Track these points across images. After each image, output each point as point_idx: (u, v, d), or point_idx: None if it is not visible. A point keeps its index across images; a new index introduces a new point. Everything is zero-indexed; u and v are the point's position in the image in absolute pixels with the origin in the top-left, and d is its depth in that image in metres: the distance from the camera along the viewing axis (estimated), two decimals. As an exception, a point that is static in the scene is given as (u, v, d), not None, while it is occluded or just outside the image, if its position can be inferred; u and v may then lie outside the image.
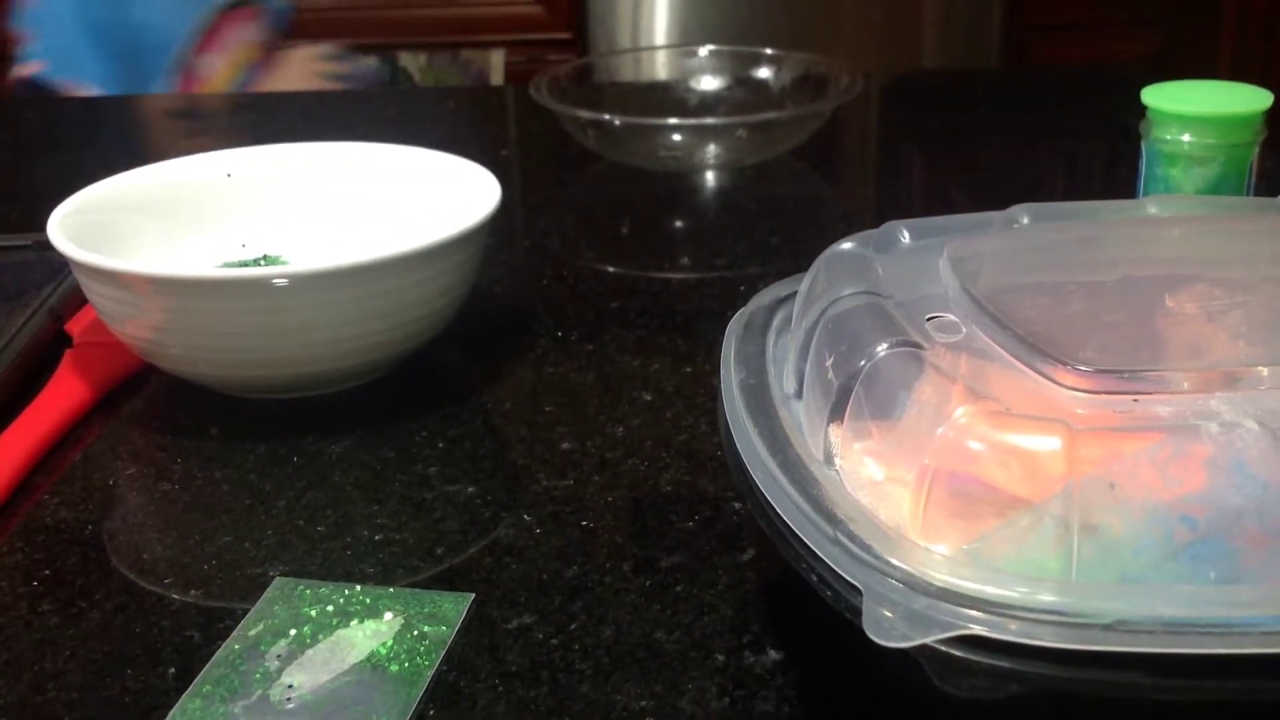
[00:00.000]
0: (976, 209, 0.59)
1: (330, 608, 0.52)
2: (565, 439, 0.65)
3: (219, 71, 1.46)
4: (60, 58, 1.47)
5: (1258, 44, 2.27)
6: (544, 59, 1.85)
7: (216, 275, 0.64)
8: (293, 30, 1.56)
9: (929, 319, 0.48)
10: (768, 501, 0.44)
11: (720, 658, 0.49)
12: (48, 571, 0.56)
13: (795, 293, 0.55)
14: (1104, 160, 1.12)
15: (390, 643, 0.49)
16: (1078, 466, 0.41)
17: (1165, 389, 0.44)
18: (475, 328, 0.75)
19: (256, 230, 0.80)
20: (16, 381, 0.70)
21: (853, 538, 0.41)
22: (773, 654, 0.49)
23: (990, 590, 0.39)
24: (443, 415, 0.67)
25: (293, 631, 0.50)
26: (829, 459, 0.46)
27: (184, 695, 0.47)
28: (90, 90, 1.45)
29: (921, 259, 0.53)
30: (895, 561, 0.40)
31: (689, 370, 0.72)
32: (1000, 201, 0.59)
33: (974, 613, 0.38)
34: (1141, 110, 0.72)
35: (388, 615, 0.51)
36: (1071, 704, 0.43)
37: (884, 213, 0.59)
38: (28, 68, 1.49)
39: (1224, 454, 0.41)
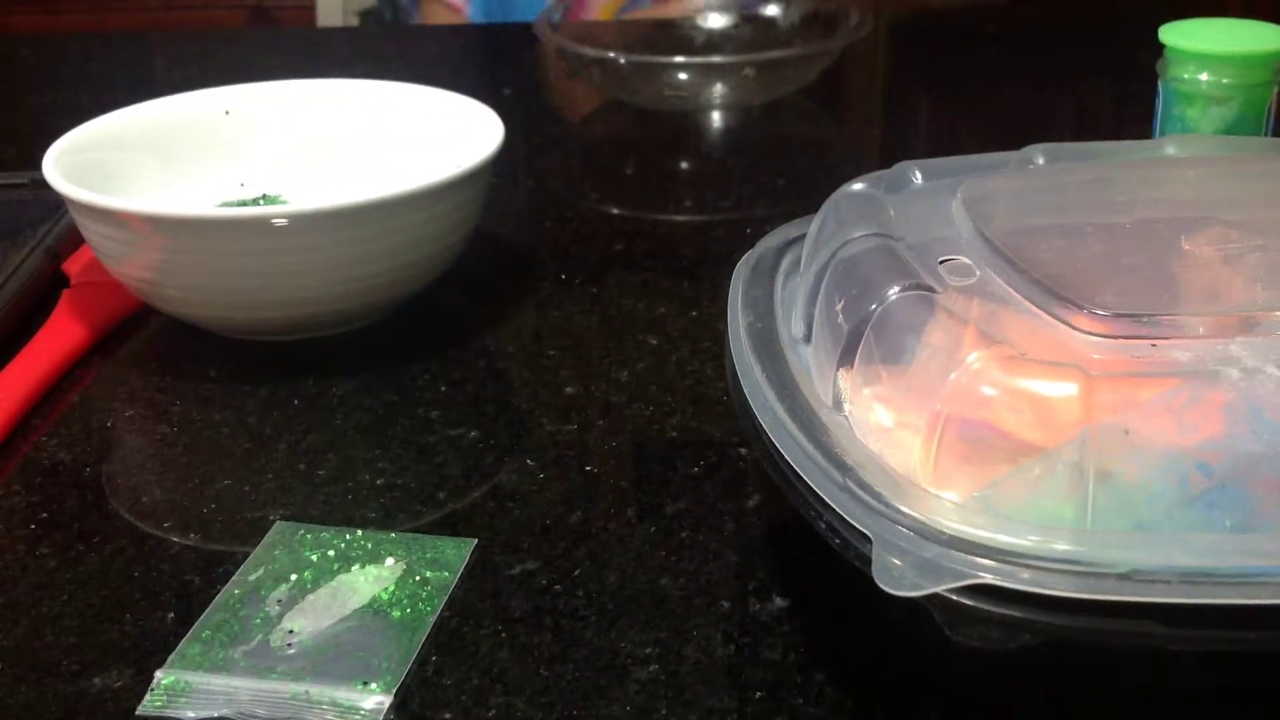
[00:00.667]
0: (987, 149, 0.58)
1: (331, 552, 0.51)
2: (569, 383, 0.64)
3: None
4: None
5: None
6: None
7: (214, 214, 0.63)
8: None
9: (941, 261, 0.47)
10: (775, 448, 0.44)
11: (726, 604, 0.48)
12: (45, 514, 0.55)
13: (804, 235, 0.54)
14: (1118, 99, 1.10)
15: (392, 588, 0.49)
16: (1093, 412, 0.40)
17: (1182, 334, 0.43)
18: (477, 270, 0.74)
19: (255, 169, 0.79)
20: (13, 322, 0.69)
21: (862, 485, 0.41)
22: (779, 601, 0.48)
23: (1002, 538, 0.38)
24: (445, 359, 0.67)
25: (293, 576, 0.50)
26: (838, 404, 0.45)
27: (183, 640, 0.47)
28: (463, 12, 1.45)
29: (934, 200, 0.52)
30: (905, 509, 0.39)
31: (694, 314, 0.71)
32: (1012, 142, 0.58)
33: (985, 561, 0.37)
34: (1157, 48, 0.70)
35: (389, 560, 0.50)
36: (1084, 654, 0.42)
37: (893, 154, 0.58)
38: None
39: (1241, 400, 0.41)
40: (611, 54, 1.01)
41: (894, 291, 0.45)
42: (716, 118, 1.05)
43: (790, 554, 0.51)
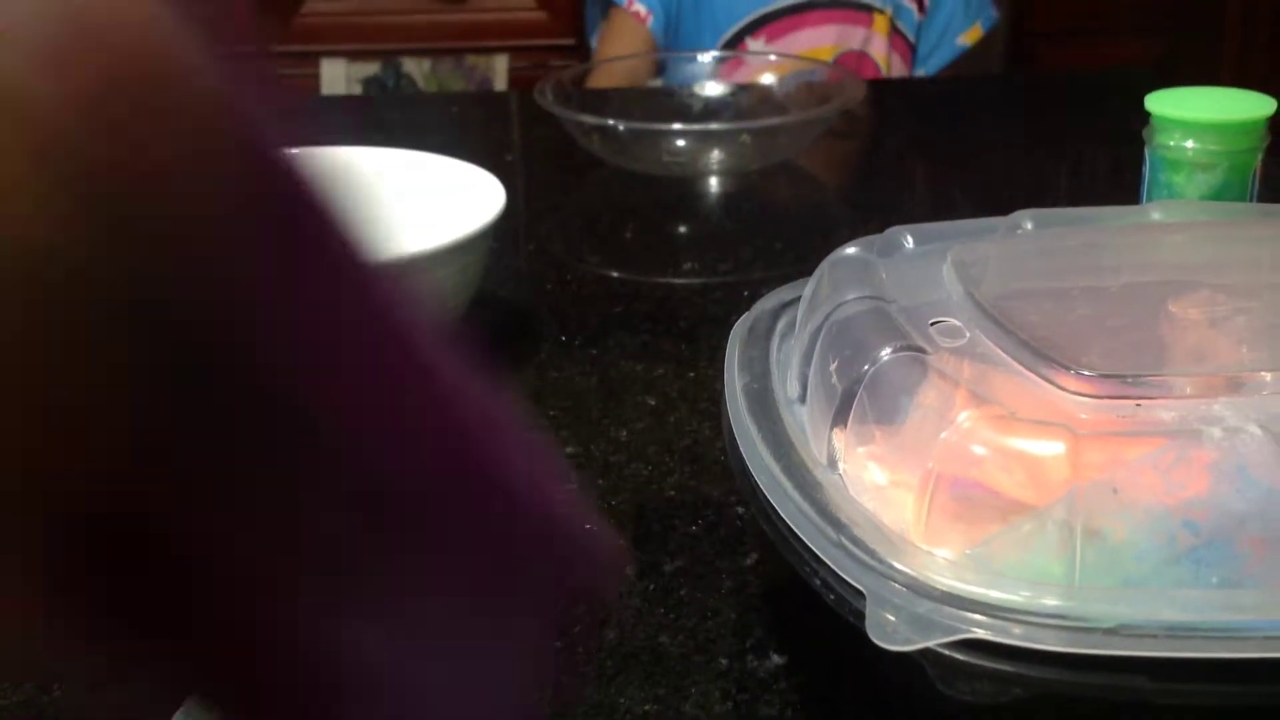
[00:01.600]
0: (980, 214, 0.59)
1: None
2: (569, 443, 0.65)
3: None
4: None
5: (1262, 51, 2.27)
6: (548, 64, 1.85)
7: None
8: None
9: (932, 324, 0.48)
10: (771, 505, 0.45)
11: (724, 661, 0.49)
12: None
13: (799, 298, 0.55)
14: (1107, 166, 1.12)
15: (394, 645, 0.50)
16: (1081, 471, 0.41)
17: (1168, 394, 0.44)
18: (479, 331, 0.75)
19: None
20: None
21: (856, 541, 0.41)
22: (776, 658, 0.49)
23: (993, 594, 0.39)
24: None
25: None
26: (832, 463, 0.46)
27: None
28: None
29: (925, 264, 0.53)
30: (898, 565, 0.40)
31: (692, 375, 0.72)
32: (1004, 207, 0.59)
33: (977, 616, 0.38)
34: (1145, 116, 0.72)
35: (392, 618, 0.51)
36: (1074, 708, 0.43)
37: (887, 218, 0.60)
38: None
39: (1226, 459, 0.42)
40: (611, 121, 1.03)
41: (886, 353, 0.46)
42: (714, 183, 1.07)
43: (787, 611, 0.52)
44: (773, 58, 1.35)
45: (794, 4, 1.52)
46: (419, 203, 0.79)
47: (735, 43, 1.51)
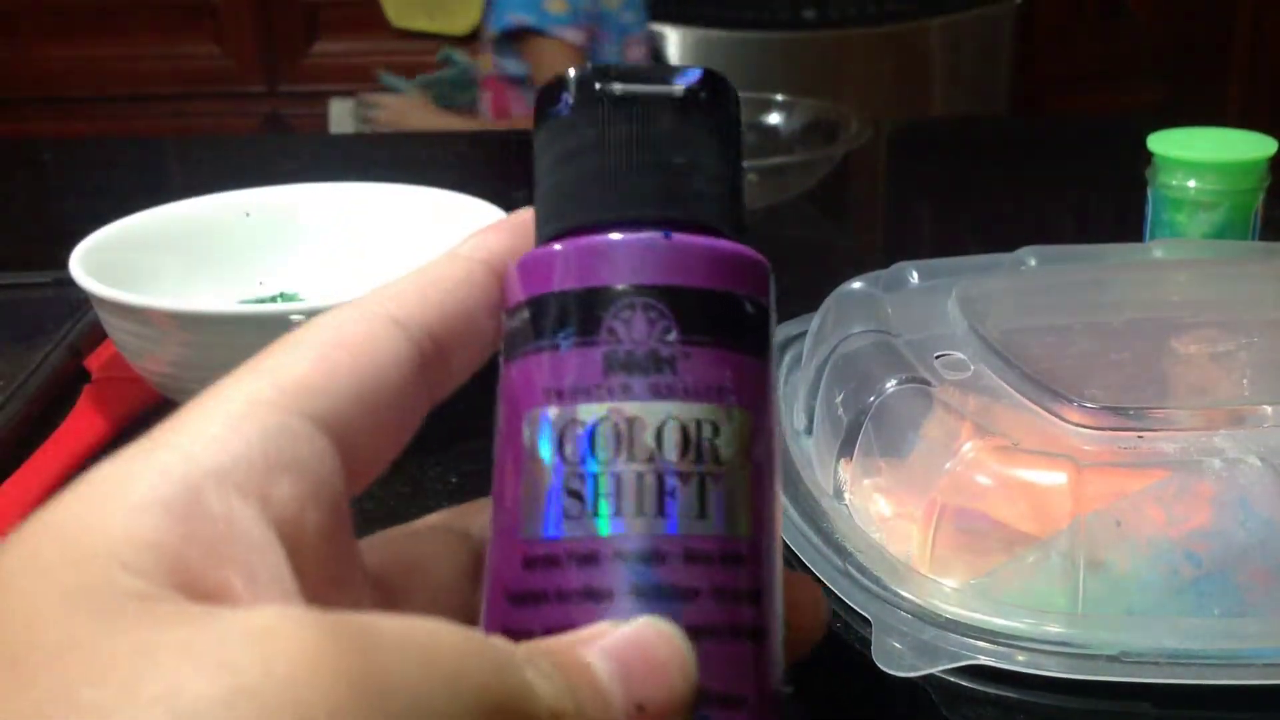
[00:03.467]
0: (985, 252, 0.60)
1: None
2: (577, 476, 0.65)
3: None
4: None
5: (1266, 97, 2.29)
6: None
7: (236, 311, 0.65)
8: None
9: (937, 357, 0.49)
10: (778, 534, 0.45)
11: (730, 691, 0.49)
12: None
13: (805, 331, 0.56)
14: (1111, 207, 1.13)
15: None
16: (1084, 502, 0.42)
17: (1170, 426, 0.44)
18: (489, 363, 0.76)
19: (274, 268, 0.81)
20: (36, 415, 0.70)
21: (862, 570, 0.42)
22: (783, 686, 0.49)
23: (997, 621, 0.39)
24: (456, 451, 0.68)
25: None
26: (839, 494, 0.47)
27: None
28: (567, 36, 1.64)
29: (930, 299, 0.54)
30: (904, 593, 0.41)
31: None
32: (1008, 245, 0.60)
33: (982, 643, 0.39)
34: (1148, 158, 0.72)
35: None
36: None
37: (893, 256, 0.60)
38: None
39: (1228, 491, 0.42)
40: (619, 160, 1.04)
41: (891, 385, 0.46)
42: (721, 222, 1.08)
43: (793, 642, 0.52)
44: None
45: None
46: (429, 238, 0.79)
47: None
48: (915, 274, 0.57)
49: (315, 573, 0.22)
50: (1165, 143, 0.72)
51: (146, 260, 0.76)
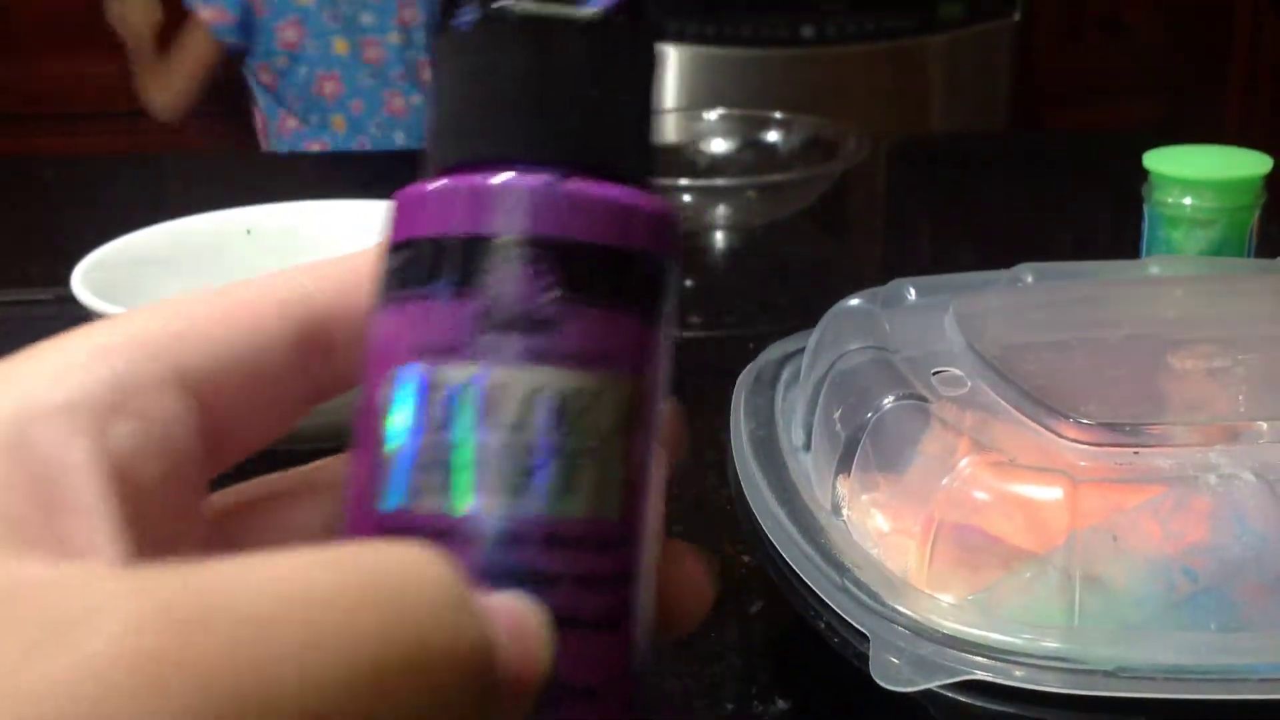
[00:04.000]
0: (982, 269, 0.60)
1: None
2: (576, 492, 0.66)
3: None
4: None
5: (1264, 112, 2.30)
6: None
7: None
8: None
9: (934, 373, 0.49)
10: (776, 549, 0.45)
11: (729, 706, 0.50)
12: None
13: (804, 348, 0.56)
14: (1108, 223, 1.13)
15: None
16: (1080, 518, 0.42)
17: (1165, 442, 0.45)
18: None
19: (274, 285, 0.81)
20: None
21: (860, 585, 0.42)
22: (781, 703, 0.50)
23: (995, 637, 0.40)
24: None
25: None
26: (837, 510, 0.47)
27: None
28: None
29: (927, 315, 0.54)
30: (902, 608, 0.41)
31: (698, 425, 0.73)
32: (1005, 262, 0.60)
33: (979, 658, 0.39)
34: (1144, 176, 0.73)
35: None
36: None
37: (891, 272, 0.61)
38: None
39: (1224, 506, 0.42)
40: (618, 177, 1.05)
41: (889, 401, 0.47)
42: (720, 238, 1.09)
43: (792, 657, 0.53)
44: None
45: None
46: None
47: None
48: (913, 291, 0.57)
49: (152, 523, 0.21)
50: (1161, 160, 0.72)
51: (148, 277, 0.77)
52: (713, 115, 1.24)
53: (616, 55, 0.25)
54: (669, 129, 1.39)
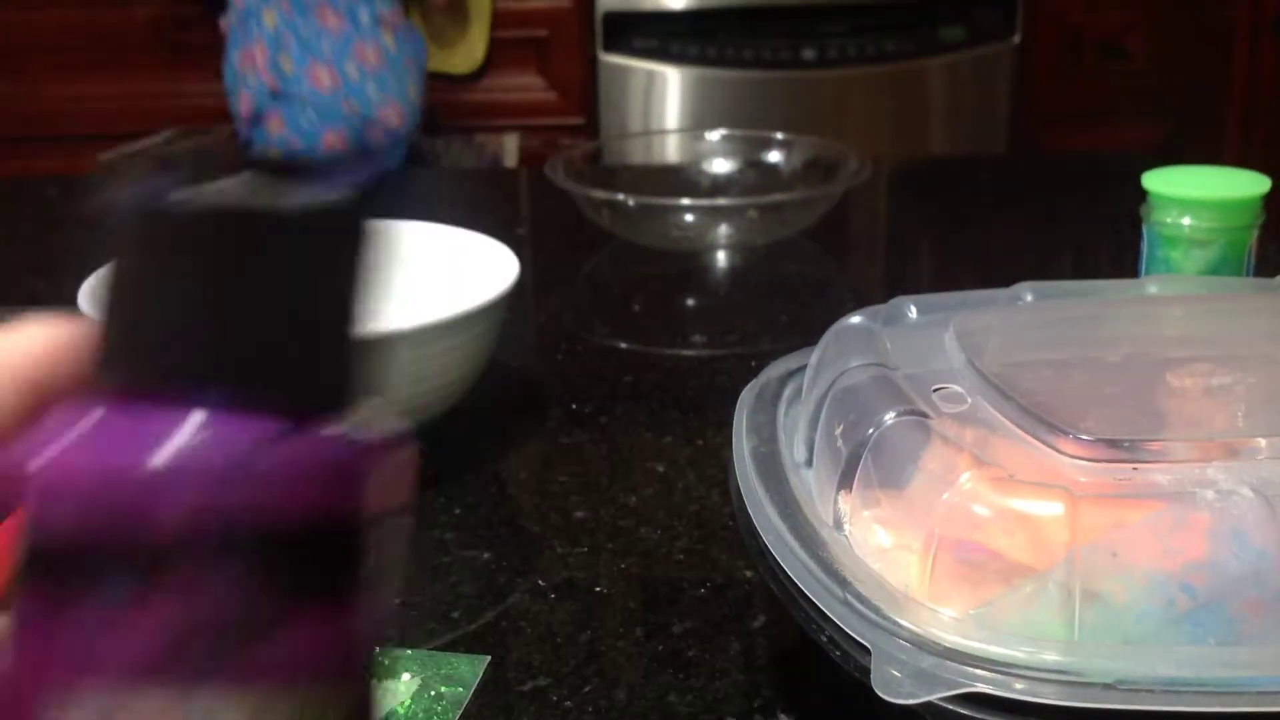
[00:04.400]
0: (982, 288, 0.60)
1: (349, 668, 0.53)
2: (578, 508, 0.66)
3: None
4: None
5: (1263, 135, 2.30)
6: (558, 143, 1.88)
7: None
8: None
9: (935, 390, 0.49)
10: (778, 564, 0.46)
11: (731, 720, 0.50)
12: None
13: (805, 365, 0.57)
14: (1108, 244, 1.14)
15: (408, 702, 0.51)
16: (1080, 534, 0.42)
17: (1164, 458, 0.45)
18: (491, 399, 0.77)
19: (279, 303, 0.82)
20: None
21: (861, 599, 0.43)
22: (784, 717, 0.50)
23: (995, 650, 0.40)
24: (459, 483, 0.69)
25: (312, 690, 0.51)
26: (839, 525, 0.47)
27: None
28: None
29: (928, 333, 0.55)
30: (903, 622, 0.41)
31: (700, 443, 0.73)
32: (1006, 281, 0.61)
33: (979, 671, 0.39)
34: (1143, 196, 0.73)
35: (405, 676, 0.52)
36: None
37: (892, 292, 0.61)
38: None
39: (1222, 522, 0.43)
40: (621, 196, 1.05)
41: (890, 417, 0.47)
42: (722, 257, 1.09)
43: (794, 672, 0.53)
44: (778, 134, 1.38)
45: None
46: (436, 273, 0.80)
47: None
48: (914, 309, 0.58)
49: None
50: (1160, 180, 0.73)
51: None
52: (715, 136, 1.25)
53: (306, 260, 0.21)
54: (672, 149, 1.40)
